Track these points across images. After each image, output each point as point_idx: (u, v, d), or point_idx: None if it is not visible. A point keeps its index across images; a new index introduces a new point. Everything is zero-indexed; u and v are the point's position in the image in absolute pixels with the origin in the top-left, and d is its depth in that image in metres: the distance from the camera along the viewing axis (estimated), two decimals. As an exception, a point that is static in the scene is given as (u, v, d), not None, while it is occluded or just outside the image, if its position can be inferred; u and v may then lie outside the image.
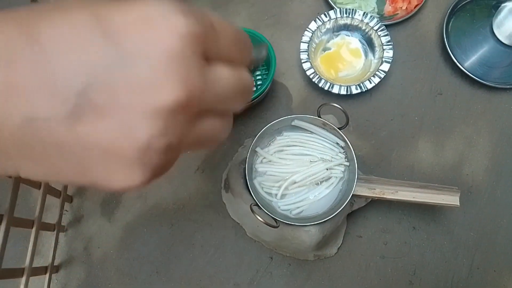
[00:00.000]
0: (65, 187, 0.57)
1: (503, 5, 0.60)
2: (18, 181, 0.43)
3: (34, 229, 0.48)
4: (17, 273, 0.45)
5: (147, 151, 0.17)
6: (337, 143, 0.52)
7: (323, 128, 0.53)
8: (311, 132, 0.54)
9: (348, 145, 0.51)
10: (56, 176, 0.18)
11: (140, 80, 0.16)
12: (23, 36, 0.16)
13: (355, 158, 0.50)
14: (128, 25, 0.16)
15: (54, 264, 0.55)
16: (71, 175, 0.18)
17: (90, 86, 0.16)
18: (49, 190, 0.52)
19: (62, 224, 0.58)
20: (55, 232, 0.55)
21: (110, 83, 0.16)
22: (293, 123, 0.53)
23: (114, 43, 0.16)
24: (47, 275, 0.53)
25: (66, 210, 0.59)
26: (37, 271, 0.50)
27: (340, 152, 0.53)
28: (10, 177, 0.43)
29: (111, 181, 0.18)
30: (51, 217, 0.57)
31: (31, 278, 0.47)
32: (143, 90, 0.16)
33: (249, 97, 0.23)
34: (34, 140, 0.16)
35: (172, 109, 0.17)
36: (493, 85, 0.60)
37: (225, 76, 0.20)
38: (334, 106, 0.48)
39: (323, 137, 0.53)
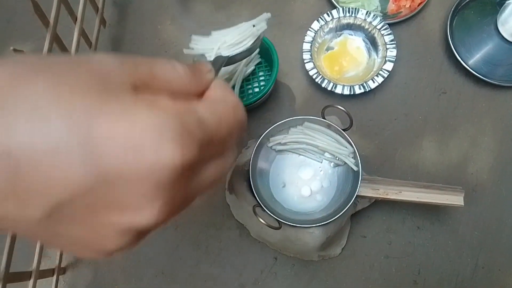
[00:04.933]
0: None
1: (507, 2, 0.59)
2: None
3: (41, 233, 0.48)
4: (24, 276, 0.45)
5: (114, 253, 0.18)
6: (346, 147, 0.52)
7: (329, 130, 0.53)
8: (320, 131, 0.53)
9: (352, 145, 0.51)
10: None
11: (120, 202, 0.16)
12: None
13: (359, 158, 0.50)
14: (112, 143, 0.15)
15: (61, 266, 0.56)
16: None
17: (67, 201, 0.15)
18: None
19: (69, 226, 0.58)
20: (61, 234, 0.56)
21: (88, 201, 0.15)
22: (304, 125, 0.53)
23: (95, 161, 0.14)
24: (54, 277, 0.54)
25: (72, 213, 0.59)
26: (44, 274, 0.51)
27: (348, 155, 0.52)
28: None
29: (85, 255, 0.19)
30: (57, 220, 0.58)
31: (38, 280, 0.48)
32: (121, 211, 0.16)
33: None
34: (7, 227, 0.17)
35: (147, 228, 0.17)
36: (497, 83, 0.59)
37: (210, 174, 0.19)
38: (338, 108, 0.48)
39: (332, 137, 0.53)
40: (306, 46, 0.60)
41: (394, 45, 0.59)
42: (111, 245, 0.17)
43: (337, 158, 0.53)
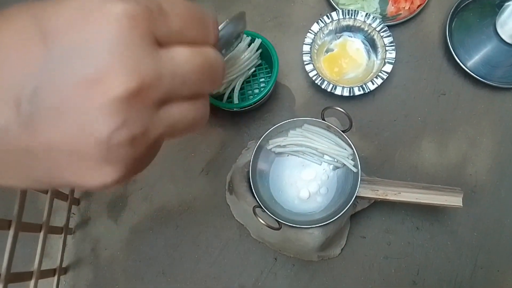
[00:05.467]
0: (72, 191, 0.58)
1: (506, 4, 0.59)
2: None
3: (42, 233, 0.48)
4: (26, 276, 0.46)
5: (109, 146, 0.17)
6: (345, 149, 0.52)
7: (328, 131, 0.53)
8: (320, 134, 0.54)
9: (352, 147, 0.51)
10: (33, 182, 0.18)
11: (86, 75, 0.16)
12: None
13: (358, 159, 0.50)
14: (65, 21, 0.16)
15: (62, 266, 0.56)
16: (46, 179, 0.18)
17: (38, 89, 0.16)
18: (57, 194, 0.53)
19: (70, 226, 0.59)
20: (62, 234, 0.56)
21: (57, 83, 0.16)
22: (303, 128, 0.53)
23: (53, 42, 0.16)
24: (56, 277, 0.54)
25: (73, 213, 0.60)
26: (45, 274, 0.51)
27: (347, 157, 0.53)
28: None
29: (85, 181, 0.18)
30: (59, 220, 0.58)
31: (39, 280, 0.48)
32: (91, 85, 0.16)
33: (219, 77, 0.21)
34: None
35: (125, 99, 0.16)
36: (496, 84, 0.60)
37: (183, 57, 0.19)
38: (338, 109, 0.48)
39: (331, 140, 0.54)
40: (306, 48, 0.60)
41: (393, 47, 0.59)
42: (103, 128, 0.16)
43: (336, 161, 0.53)
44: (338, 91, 0.58)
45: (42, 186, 0.19)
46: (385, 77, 0.58)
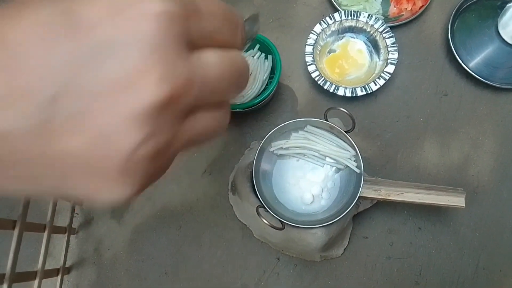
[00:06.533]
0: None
1: (508, 5, 0.60)
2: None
3: (46, 233, 0.49)
4: (30, 276, 0.46)
5: (132, 161, 0.15)
6: (348, 151, 0.52)
7: (331, 132, 0.53)
8: (322, 136, 0.54)
9: (355, 147, 0.51)
10: (38, 192, 0.17)
11: (116, 79, 0.14)
12: None
13: (361, 160, 0.50)
14: (96, 15, 0.14)
15: (66, 266, 0.57)
16: (56, 189, 0.16)
17: (62, 91, 0.14)
18: (60, 194, 0.53)
19: (73, 226, 0.59)
20: (66, 234, 0.56)
21: (83, 85, 0.14)
22: (305, 129, 0.54)
23: (82, 38, 0.14)
24: (59, 276, 0.54)
25: (77, 213, 0.60)
26: (49, 273, 0.51)
27: (350, 158, 0.53)
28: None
29: (97, 195, 0.16)
30: (62, 220, 0.58)
31: (43, 280, 0.48)
32: (120, 90, 0.14)
33: (245, 82, 0.20)
34: (9, 157, 0.15)
35: (156, 110, 0.14)
36: (498, 85, 0.60)
37: (214, 62, 0.17)
38: (341, 110, 0.48)
39: (333, 142, 0.54)
40: (309, 49, 0.60)
41: (395, 48, 0.59)
42: (128, 140, 0.14)
43: (338, 163, 0.53)
44: (340, 92, 0.58)
45: (48, 195, 0.18)
46: (387, 78, 0.58)
